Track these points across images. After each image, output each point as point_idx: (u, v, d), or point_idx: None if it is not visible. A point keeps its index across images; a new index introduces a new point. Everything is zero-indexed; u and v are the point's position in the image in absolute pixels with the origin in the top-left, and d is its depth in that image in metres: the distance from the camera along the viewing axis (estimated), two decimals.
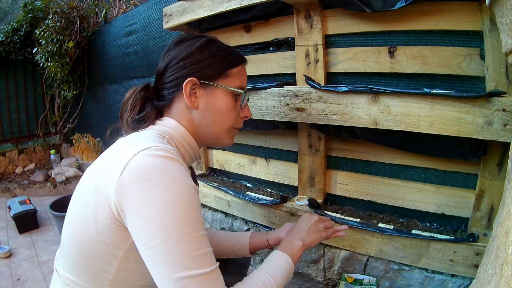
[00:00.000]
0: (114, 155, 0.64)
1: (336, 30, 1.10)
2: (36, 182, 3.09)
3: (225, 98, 0.76)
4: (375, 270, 1.12)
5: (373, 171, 1.17)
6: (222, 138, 0.80)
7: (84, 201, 0.64)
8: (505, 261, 0.50)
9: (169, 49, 0.78)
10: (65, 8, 2.87)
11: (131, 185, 0.56)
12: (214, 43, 0.77)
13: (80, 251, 0.64)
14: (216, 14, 1.26)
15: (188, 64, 0.73)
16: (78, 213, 0.65)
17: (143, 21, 2.20)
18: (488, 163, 0.92)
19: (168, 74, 0.75)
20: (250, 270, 1.40)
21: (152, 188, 0.56)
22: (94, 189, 0.61)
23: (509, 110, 0.78)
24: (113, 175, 0.58)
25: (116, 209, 0.58)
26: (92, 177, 0.65)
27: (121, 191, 0.57)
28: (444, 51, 0.93)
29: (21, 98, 3.66)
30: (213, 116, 0.76)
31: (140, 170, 0.57)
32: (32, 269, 1.74)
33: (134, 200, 0.56)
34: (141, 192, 0.56)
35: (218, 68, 0.75)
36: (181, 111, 0.75)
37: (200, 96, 0.74)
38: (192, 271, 0.55)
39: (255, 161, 1.51)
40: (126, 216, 0.57)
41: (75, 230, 0.65)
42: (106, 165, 0.64)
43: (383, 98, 0.96)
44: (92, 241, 0.62)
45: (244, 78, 0.81)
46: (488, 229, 0.95)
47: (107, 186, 0.58)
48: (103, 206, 0.59)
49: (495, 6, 0.65)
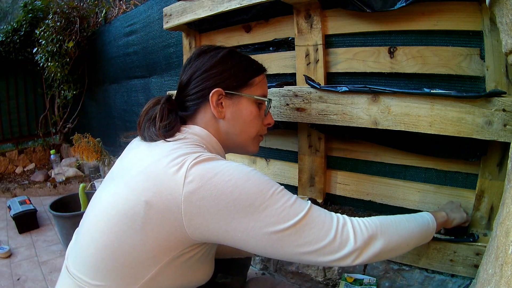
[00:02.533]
0: (157, 168, 0.61)
1: (336, 30, 1.10)
2: (36, 182, 3.09)
3: (250, 106, 0.78)
4: (375, 270, 1.12)
5: (373, 171, 1.17)
6: (249, 146, 0.82)
7: (126, 212, 0.60)
8: (505, 261, 0.50)
9: (190, 61, 0.79)
10: (65, 8, 2.87)
11: (200, 190, 0.57)
12: (235, 54, 0.79)
13: (113, 258, 0.61)
14: (216, 14, 1.26)
15: (212, 75, 0.75)
16: (116, 225, 0.61)
17: (143, 21, 2.20)
18: (488, 163, 0.92)
19: (192, 86, 0.76)
20: (250, 270, 1.39)
21: (221, 180, 0.57)
22: (144, 203, 0.58)
23: (509, 110, 0.78)
24: (173, 189, 0.57)
25: (186, 221, 0.57)
26: (134, 186, 0.61)
27: (191, 200, 0.57)
28: (444, 51, 0.93)
29: (21, 98, 3.66)
30: (240, 125, 0.77)
31: (202, 174, 0.58)
32: (32, 269, 1.74)
33: (212, 198, 0.57)
34: (213, 189, 0.57)
35: (241, 78, 0.77)
36: (207, 121, 0.76)
37: (227, 106, 0.75)
38: (300, 214, 0.60)
39: (255, 161, 1.51)
40: (205, 221, 0.58)
41: (109, 240, 0.61)
42: (151, 178, 0.60)
43: (383, 98, 0.96)
44: (134, 252, 0.60)
45: (265, 86, 0.83)
46: (488, 229, 0.95)
47: (168, 201, 0.57)
48: (160, 220, 0.58)
49: (495, 6, 0.65)
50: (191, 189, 0.57)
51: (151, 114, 0.75)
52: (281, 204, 0.59)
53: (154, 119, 0.73)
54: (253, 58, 0.83)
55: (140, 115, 0.77)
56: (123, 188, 0.63)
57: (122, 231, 0.60)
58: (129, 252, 0.60)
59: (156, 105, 0.76)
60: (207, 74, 0.75)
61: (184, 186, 0.57)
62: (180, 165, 0.59)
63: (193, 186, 0.57)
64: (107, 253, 0.62)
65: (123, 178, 0.65)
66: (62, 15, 2.84)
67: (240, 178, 0.58)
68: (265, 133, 0.86)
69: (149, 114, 0.76)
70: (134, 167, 0.65)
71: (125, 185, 0.63)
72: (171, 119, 0.73)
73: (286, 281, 1.37)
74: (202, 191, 0.57)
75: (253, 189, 0.58)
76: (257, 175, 0.60)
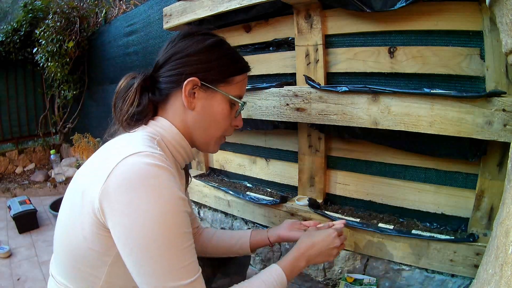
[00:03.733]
0: (103, 158, 0.62)
1: (336, 30, 1.10)
2: (36, 182, 3.09)
3: (223, 104, 0.73)
4: (375, 270, 1.12)
5: (373, 171, 1.17)
6: (211, 145, 0.77)
7: (72, 205, 0.62)
8: (505, 261, 0.50)
9: (174, 40, 0.74)
10: (65, 8, 2.87)
11: (115, 194, 0.54)
12: (223, 45, 0.74)
13: (70, 257, 0.63)
14: (216, 14, 1.26)
15: (193, 62, 0.70)
16: (67, 218, 0.63)
17: (143, 21, 2.20)
18: (488, 163, 0.92)
19: (169, 67, 0.71)
20: (250, 270, 1.39)
21: (138, 199, 0.54)
22: (81, 193, 0.59)
23: (509, 110, 0.78)
24: (99, 180, 0.56)
25: (100, 214, 0.56)
26: (81, 180, 0.63)
27: (105, 198, 0.55)
28: (444, 51, 0.93)
29: (21, 98, 3.66)
30: (208, 120, 0.73)
31: (126, 177, 0.54)
32: (32, 269, 1.74)
33: (118, 210, 0.54)
34: (126, 203, 0.54)
35: (223, 72, 0.72)
36: (176, 110, 0.72)
37: (199, 98, 0.71)
38: (178, 282, 0.56)
39: (255, 161, 1.51)
40: (109, 224, 0.56)
41: (64, 235, 0.64)
42: (94, 168, 0.61)
43: (383, 98, 0.96)
44: (80, 248, 0.60)
45: (244, 87, 0.79)
46: (488, 229, 0.95)
47: (92, 191, 0.56)
48: (88, 211, 0.57)
49: (495, 6, 0.65)
50: (107, 188, 0.54)
51: (124, 93, 0.71)
52: (178, 260, 0.56)
53: (126, 98, 0.70)
54: (241, 56, 0.78)
55: (115, 93, 0.72)
56: (76, 181, 0.64)
57: (69, 226, 0.62)
58: (79, 250, 0.60)
59: (130, 82, 0.72)
60: (187, 59, 0.70)
61: (105, 181, 0.55)
62: (113, 159, 0.56)
63: (110, 185, 0.54)
64: (66, 251, 0.63)
65: (80, 174, 0.66)
66: (62, 15, 2.84)
67: (155, 214, 0.54)
68: (230, 134, 0.80)
69: (121, 91, 0.72)
70: (90, 160, 0.66)
71: (78, 179, 0.64)
72: (144, 104, 0.70)
73: None
74: (115, 195, 0.54)
75: (158, 235, 0.54)
76: (175, 220, 0.56)
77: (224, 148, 1.64)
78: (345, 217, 1.17)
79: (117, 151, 0.59)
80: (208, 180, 1.64)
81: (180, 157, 0.74)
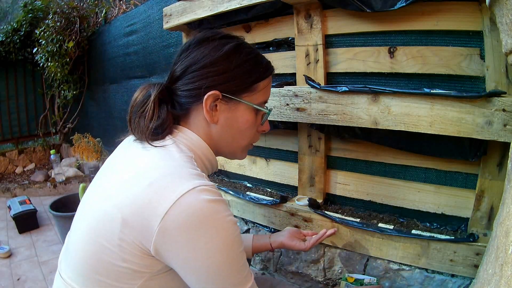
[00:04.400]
0: (142, 177, 0.57)
1: (336, 30, 1.10)
2: (36, 182, 3.09)
3: (247, 114, 0.69)
4: (375, 270, 1.12)
5: (373, 171, 1.17)
6: (238, 154, 0.76)
7: (105, 226, 0.57)
8: (505, 261, 0.50)
9: (188, 47, 0.68)
10: (65, 8, 2.87)
11: (177, 234, 0.52)
12: (243, 49, 0.68)
13: (95, 271, 0.59)
14: (216, 14, 1.26)
15: (211, 73, 0.65)
16: (97, 235, 0.58)
17: (143, 21, 2.20)
18: (488, 163, 0.92)
19: (186, 80, 0.66)
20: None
21: (201, 238, 0.53)
22: (121, 220, 0.55)
23: (509, 110, 0.78)
24: (153, 215, 0.53)
25: (154, 250, 0.54)
26: (115, 200, 0.57)
27: (164, 237, 0.53)
28: (444, 51, 0.93)
29: (21, 98, 3.66)
30: (233, 132, 0.70)
31: (188, 218, 0.52)
32: (32, 269, 1.74)
33: (182, 248, 0.53)
34: (189, 241, 0.53)
35: (245, 81, 0.67)
36: (199, 123, 0.68)
37: (221, 110, 0.67)
38: None
39: (255, 161, 1.51)
40: (168, 258, 0.55)
41: (91, 252, 0.59)
42: (132, 194, 0.56)
43: (383, 98, 0.96)
44: (114, 266, 0.57)
45: (269, 91, 0.74)
46: (488, 229, 0.95)
47: (144, 226, 0.53)
48: (134, 241, 0.55)
49: (495, 6, 0.65)
50: (166, 227, 0.52)
51: (141, 107, 0.66)
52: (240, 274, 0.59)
53: (144, 113, 0.65)
54: (263, 56, 0.72)
55: (130, 107, 0.68)
56: (105, 198, 0.60)
57: (101, 245, 0.58)
58: (112, 268, 0.57)
59: (146, 95, 0.67)
60: (205, 70, 0.65)
61: (163, 219, 0.52)
62: (165, 191, 0.53)
63: (170, 225, 0.52)
64: (90, 265, 0.60)
65: (108, 185, 0.62)
66: (62, 15, 2.84)
67: (219, 247, 0.55)
68: (257, 140, 0.78)
69: (138, 106, 0.67)
70: (119, 175, 0.61)
71: (107, 195, 0.60)
72: (163, 117, 0.66)
73: (286, 281, 1.37)
74: (177, 235, 0.53)
75: (223, 264, 0.56)
76: (236, 246, 0.57)
77: None
78: (345, 217, 1.17)
79: (167, 180, 0.55)
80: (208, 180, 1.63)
81: (207, 170, 0.72)
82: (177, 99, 0.68)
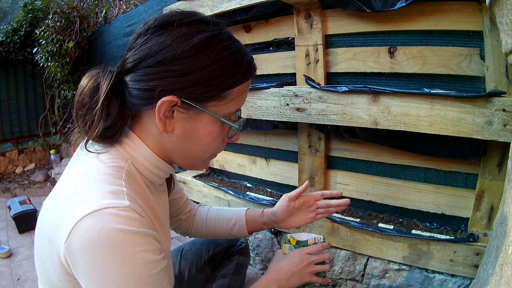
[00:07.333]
0: (68, 195, 0.51)
1: (336, 30, 1.10)
2: (36, 182, 3.09)
3: (210, 126, 0.55)
4: (375, 270, 1.12)
5: (373, 171, 1.17)
6: (197, 166, 0.63)
7: (43, 246, 0.54)
8: (505, 261, 0.50)
9: (147, 32, 0.54)
10: (65, 8, 2.87)
11: (78, 256, 0.47)
12: (218, 43, 0.52)
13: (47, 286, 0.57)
14: (216, 14, 1.26)
15: (171, 73, 0.50)
16: (41, 257, 0.56)
17: (143, 21, 2.16)
18: (488, 163, 0.92)
19: (138, 77, 0.52)
20: (250, 270, 1.39)
21: (101, 267, 0.47)
22: (48, 238, 0.51)
23: (509, 110, 0.78)
24: (62, 232, 0.47)
25: (68, 267, 0.49)
26: (48, 219, 0.53)
27: (69, 255, 0.48)
28: (444, 51, 0.93)
29: (21, 98, 3.66)
30: (190, 145, 0.57)
31: (90, 240, 0.46)
32: (32, 269, 1.74)
33: (82, 271, 0.48)
34: (89, 267, 0.47)
35: (215, 87, 0.52)
36: (149, 129, 0.56)
37: (179, 119, 0.53)
38: None
39: (255, 161, 1.51)
40: (78, 278, 0.50)
41: (40, 268, 0.58)
42: (59, 208, 0.51)
43: (383, 98, 0.96)
44: (56, 285, 0.54)
45: (245, 97, 0.60)
46: (488, 229, 0.94)
47: (57, 242, 0.49)
48: (56, 260, 0.50)
49: (495, 6, 0.65)
50: (70, 247, 0.47)
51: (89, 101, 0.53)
52: None
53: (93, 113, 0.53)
54: (245, 53, 0.58)
55: (76, 101, 0.55)
56: (45, 216, 0.54)
57: (43, 263, 0.55)
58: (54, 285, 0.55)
59: (95, 86, 0.53)
60: (162, 68, 0.50)
61: (66, 240, 0.47)
62: (76, 211, 0.47)
63: (73, 245, 0.46)
64: (42, 282, 0.58)
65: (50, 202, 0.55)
66: (62, 15, 2.84)
67: (119, 282, 0.47)
68: (221, 150, 0.65)
69: (85, 99, 0.53)
70: (55, 187, 0.56)
71: (46, 214, 0.54)
72: (114, 115, 0.54)
73: None
74: (78, 257, 0.47)
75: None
76: (140, 285, 0.48)
77: (224, 148, 1.64)
78: (345, 217, 1.17)
79: (80, 196, 0.49)
80: (208, 180, 1.64)
81: (156, 177, 0.61)
82: (128, 96, 0.55)
